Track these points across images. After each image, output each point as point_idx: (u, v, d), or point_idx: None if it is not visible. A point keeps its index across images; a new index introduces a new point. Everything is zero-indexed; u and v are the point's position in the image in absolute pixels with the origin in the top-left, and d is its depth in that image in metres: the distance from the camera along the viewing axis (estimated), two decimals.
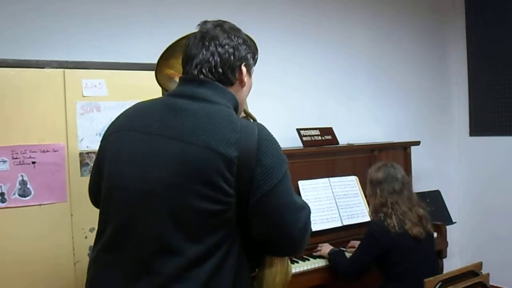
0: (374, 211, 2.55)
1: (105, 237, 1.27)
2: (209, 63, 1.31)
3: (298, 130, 3.12)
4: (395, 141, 3.61)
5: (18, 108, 2.11)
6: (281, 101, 3.37)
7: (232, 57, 1.33)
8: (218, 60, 1.31)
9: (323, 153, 3.13)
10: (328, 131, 3.27)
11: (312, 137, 3.15)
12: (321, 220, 2.91)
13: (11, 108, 2.09)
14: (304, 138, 3.10)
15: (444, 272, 2.61)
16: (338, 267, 2.59)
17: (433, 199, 3.56)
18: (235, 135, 1.18)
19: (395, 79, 4.01)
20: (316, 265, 2.65)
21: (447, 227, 3.23)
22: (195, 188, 1.16)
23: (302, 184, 2.95)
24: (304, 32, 3.52)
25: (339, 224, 2.96)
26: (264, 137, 1.23)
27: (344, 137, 3.39)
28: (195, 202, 1.16)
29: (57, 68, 2.29)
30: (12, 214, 2.01)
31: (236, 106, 1.34)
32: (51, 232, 2.05)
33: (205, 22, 1.44)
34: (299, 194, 2.91)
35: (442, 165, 4.28)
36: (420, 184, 3.67)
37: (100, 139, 1.44)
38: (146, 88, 2.67)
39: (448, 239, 3.18)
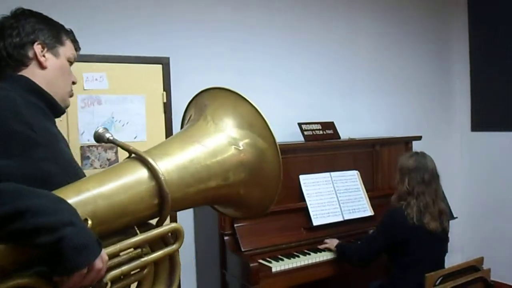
0: (397, 198, 2.54)
1: None
2: None
3: (300, 124, 3.11)
4: (396, 136, 3.60)
5: None
6: (282, 95, 3.36)
7: (17, 38, 1.27)
8: (2, 44, 1.27)
9: (325, 148, 3.12)
10: (330, 125, 3.26)
11: (313, 132, 3.14)
12: (322, 214, 2.90)
13: None
14: (305, 133, 3.09)
15: (445, 267, 2.60)
16: (351, 253, 2.61)
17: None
18: None
19: (397, 74, 3.99)
20: (318, 259, 2.65)
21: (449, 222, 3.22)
22: None
23: (304, 179, 2.95)
24: (306, 27, 3.50)
25: (340, 219, 2.96)
26: None
27: (346, 132, 3.38)
28: None
29: None
30: None
31: (32, 88, 1.26)
32: None
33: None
34: (300, 188, 2.91)
35: (443, 160, 4.24)
36: None
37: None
38: (147, 81, 2.68)
39: (449, 234, 3.17)
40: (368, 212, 3.07)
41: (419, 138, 3.51)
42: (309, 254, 2.70)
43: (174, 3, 2.97)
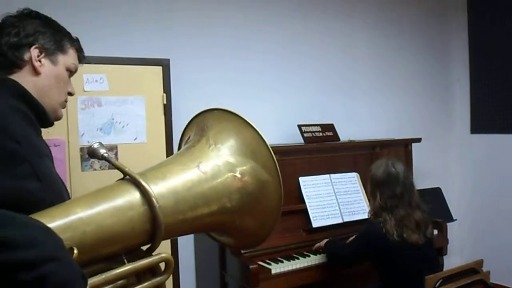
0: (373, 213, 2.51)
1: None
2: None
3: (299, 126, 3.11)
4: (396, 138, 3.60)
5: None
6: (282, 97, 3.37)
7: (15, 38, 1.21)
8: None
9: (324, 150, 3.13)
10: (329, 127, 3.26)
11: (313, 133, 3.14)
12: (321, 216, 2.91)
13: None
14: (305, 135, 3.09)
15: (445, 269, 2.60)
16: (334, 250, 2.62)
17: (434, 196, 3.55)
18: None
19: (397, 76, 4.00)
20: (318, 261, 2.65)
21: (448, 224, 3.22)
22: None
23: (303, 181, 2.95)
24: (306, 29, 3.51)
25: (340, 221, 2.96)
26: None
27: (345, 134, 3.38)
28: None
29: None
30: None
31: (20, 94, 1.18)
32: None
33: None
34: (300, 190, 2.91)
35: (443, 162, 4.28)
36: (421, 181, 3.66)
37: (101, 134, 1.44)
38: (147, 83, 2.68)
39: (448, 237, 3.18)
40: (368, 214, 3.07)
41: (419, 140, 3.52)
42: (309, 256, 2.70)
43: (175, 5, 2.98)
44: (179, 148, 1.37)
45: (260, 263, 2.55)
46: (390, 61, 3.96)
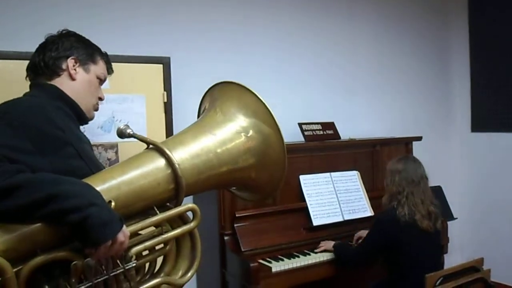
0: (389, 198, 2.58)
1: None
2: (34, 62, 1.50)
3: (300, 124, 3.11)
4: (396, 136, 3.60)
5: None
6: (283, 95, 3.36)
7: (55, 52, 1.50)
8: (42, 56, 1.49)
9: (325, 148, 3.12)
10: (330, 125, 3.26)
11: (313, 132, 3.14)
12: (322, 214, 2.91)
13: None
14: (305, 133, 3.09)
15: (445, 267, 2.61)
16: (346, 256, 2.63)
17: (435, 195, 3.54)
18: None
19: (398, 74, 3.99)
20: (318, 260, 2.65)
21: (448, 223, 3.22)
22: None
23: (304, 179, 2.95)
24: (306, 28, 3.50)
25: (340, 219, 2.96)
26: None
27: (346, 132, 3.38)
28: None
29: None
30: None
31: (59, 95, 1.46)
32: None
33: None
34: (300, 188, 2.91)
35: (443, 161, 4.27)
36: None
37: (101, 132, 1.57)
38: (148, 81, 2.68)
39: (449, 235, 3.18)
40: (368, 212, 3.07)
41: (419, 138, 3.51)
42: (309, 254, 2.70)
43: (175, 3, 2.97)
44: (198, 118, 1.62)
45: (261, 261, 2.56)
46: (391, 59, 3.95)
